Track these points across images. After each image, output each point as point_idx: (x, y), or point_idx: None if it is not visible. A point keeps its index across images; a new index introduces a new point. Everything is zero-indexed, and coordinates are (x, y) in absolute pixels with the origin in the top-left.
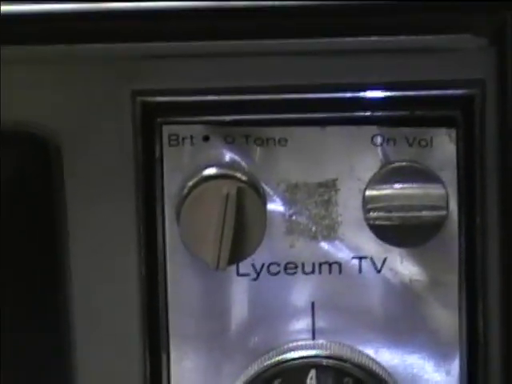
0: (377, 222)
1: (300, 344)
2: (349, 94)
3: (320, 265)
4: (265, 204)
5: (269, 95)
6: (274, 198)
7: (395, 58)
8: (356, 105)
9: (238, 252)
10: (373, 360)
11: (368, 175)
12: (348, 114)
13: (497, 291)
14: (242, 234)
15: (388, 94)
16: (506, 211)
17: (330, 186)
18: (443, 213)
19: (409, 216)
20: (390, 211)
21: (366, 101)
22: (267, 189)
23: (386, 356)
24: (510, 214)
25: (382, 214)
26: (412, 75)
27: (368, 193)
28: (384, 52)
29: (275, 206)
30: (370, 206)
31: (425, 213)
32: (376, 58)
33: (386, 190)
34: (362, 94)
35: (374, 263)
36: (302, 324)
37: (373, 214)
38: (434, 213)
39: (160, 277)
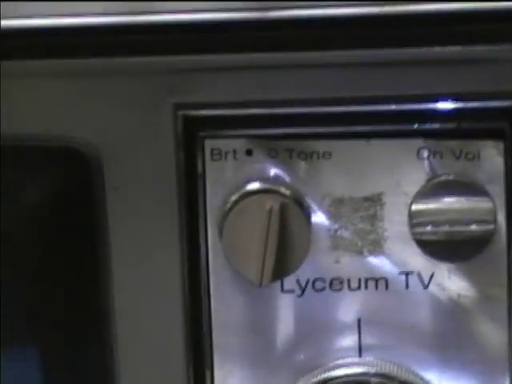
0: (423, 237)
1: (346, 361)
2: (394, 107)
3: (366, 280)
4: (309, 219)
5: (313, 108)
6: (319, 212)
7: (442, 69)
8: (402, 117)
9: (281, 268)
10: (420, 378)
11: (414, 189)
12: (393, 126)
13: None
14: (285, 250)
15: (434, 106)
16: None
17: (376, 200)
18: (491, 227)
19: (456, 230)
20: (436, 226)
21: (412, 113)
22: (311, 203)
23: (433, 374)
24: None
25: (428, 228)
26: (458, 86)
27: (414, 207)
28: (431, 63)
29: (320, 220)
30: (416, 221)
31: (472, 227)
32: (423, 70)
33: (432, 204)
34: (407, 107)
35: (421, 279)
36: (348, 341)
37: (419, 229)
38: (482, 227)
39: (203, 293)
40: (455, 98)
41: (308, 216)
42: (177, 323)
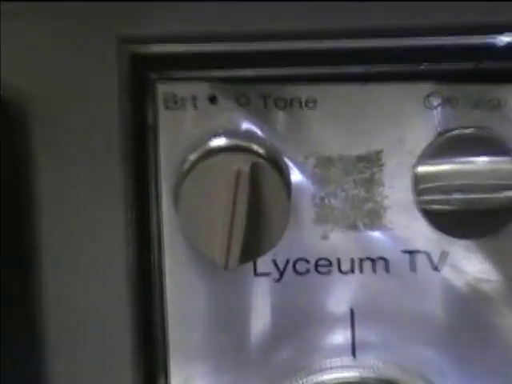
0: (432, 207)
1: (337, 363)
2: (394, 42)
3: (361, 261)
4: (288, 184)
5: (292, 42)
6: (301, 175)
7: None
8: (404, 55)
9: (253, 246)
10: None
11: (421, 146)
12: (394, 66)
13: None
14: (258, 223)
15: (446, 40)
16: None
17: (373, 159)
18: None
19: (473, 199)
20: (448, 193)
21: (418, 50)
22: (291, 164)
23: (448, 379)
24: None
25: (438, 196)
26: (477, 15)
27: (420, 169)
28: None
29: (302, 185)
30: (423, 187)
31: (494, 195)
32: None
33: (443, 166)
34: (411, 42)
35: (430, 259)
36: (338, 337)
37: (426, 197)
38: (506, 194)
39: (155, 278)
40: (472, 30)
41: (287, 180)
42: (122, 316)
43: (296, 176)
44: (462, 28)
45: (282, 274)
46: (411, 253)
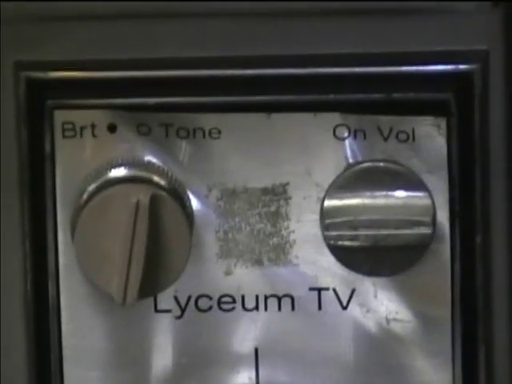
0: (339, 243)
1: None
2: (301, 71)
3: (266, 298)
4: (191, 216)
5: (196, 70)
6: (204, 208)
7: (366, 21)
8: (311, 84)
9: (153, 281)
10: None
11: (329, 179)
12: (302, 96)
13: (505, 334)
14: (158, 257)
15: (355, 70)
16: None
17: (279, 192)
18: (429, 230)
19: (382, 235)
20: (356, 228)
21: (327, 79)
22: (194, 196)
23: None
24: None
25: (346, 231)
26: (390, 45)
27: (328, 203)
28: (352, 14)
29: (206, 218)
30: (329, 221)
31: (404, 231)
32: (341, 21)
33: (351, 200)
34: (320, 70)
35: (338, 297)
36: (242, 377)
37: (334, 232)
38: (417, 230)
39: (51, 314)
40: (384, 59)
41: (189, 212)
42: (18, 352)
43: (199, 208)
44: (372, 58)
45: (183, 310)
46: (319, 290)
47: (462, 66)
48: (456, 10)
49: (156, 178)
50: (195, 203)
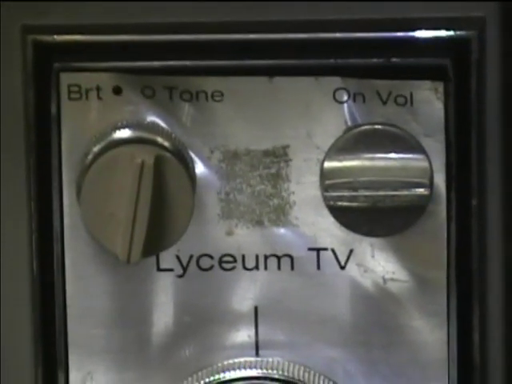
0: (339, 203)
1: (239, 361)
2: (304, 35)
3: (266, 258)
4: (193, 177)
5: (199, 35)
6: (206, 169)
7: None
8: (314, 49)
9: (156, 240)
10: None
11: (328, 141)
12: (303, 60)
13: (498, 295)
14: (162, 216)
15: (356, 35)
16: (511, 189)
17: (280, 154)
18: (426, 192)
19: (380, 196)
20: (355, 189)
21: (327, 44)
22: (197, 158)
23: (353, 379)
24: None
25: (345, 192)
26: (388, 12)
27: (327, 164)
28: None
29: (207, 180)
30: (329, 182)
31: (402, 192)
32: None
33: (350, 162)
34: (321, 35)
35: (336, 257)
36: (242, 335)
37: (333, 193)
38: (415, 192)
39: (56, 272)
40: (383, 25)
41: (192, 174)
42: (22, 310)
43: (201, 170)
44: (372, 23)
45: (185, 269)
46: (317, 250)
47: (459, 33)
48: None
49: (160, 140)
50: (198, 165)
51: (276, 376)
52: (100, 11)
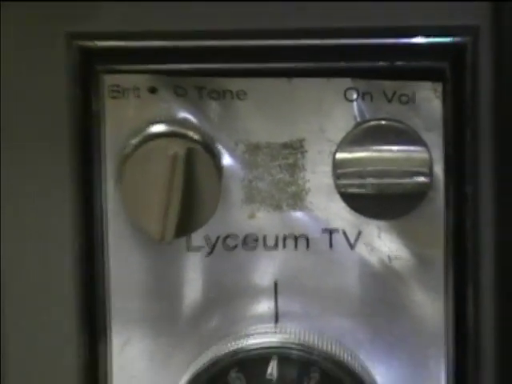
0: (349, 190)
1: (260, 330)
2: (319, 41)
3: (284, 238)
4: (220, 167)
5: (226, 41)
6: (231, 160)
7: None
8: (327, 53)
9: (187, 222)
10: (345, 350)
11: (340, 135)
12: (318, 63)
13: (490, 272)
14: (192, 202)
15: (364, 41)
16: (502, 178)
17: (297, 147)
18: (426, 180)
19: (386, 183)
20: (363, 177)
21: (339, 49)
22: (223, 149)
23: (360, 346)
24: (508, 180)
25: (354, 180)
26: (393, 20)
27: (339, 155)
28: None
29: (232, 169)
30: (341, 171)
31: (405, 180)
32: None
33: (359, 153)
34: (334, 41)
35: (346, 237)
36: (263, 306)
37: (344, 181)
38: (416, 180)
39: (98, 250)
40: (389, 32)
41: (219, 164)
42: (67, 285)
43: (227, 160)
44: (378, 31)
45: (212, 248)
46: (330, 231)
47: (456, 39)
48: None
49: (191, 134)
50: (224, 156)
51: (293, 341)
52: (137, 19)
